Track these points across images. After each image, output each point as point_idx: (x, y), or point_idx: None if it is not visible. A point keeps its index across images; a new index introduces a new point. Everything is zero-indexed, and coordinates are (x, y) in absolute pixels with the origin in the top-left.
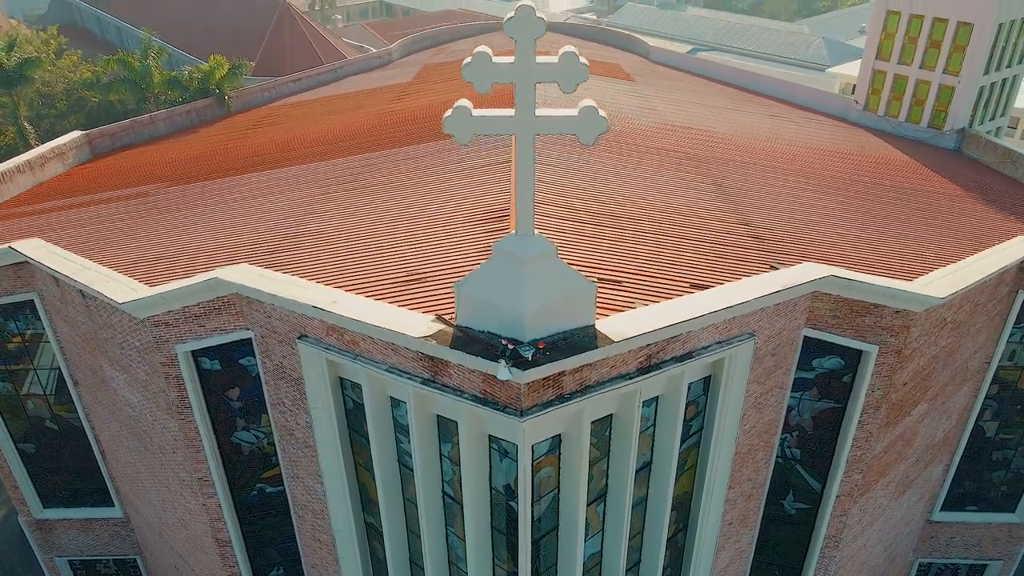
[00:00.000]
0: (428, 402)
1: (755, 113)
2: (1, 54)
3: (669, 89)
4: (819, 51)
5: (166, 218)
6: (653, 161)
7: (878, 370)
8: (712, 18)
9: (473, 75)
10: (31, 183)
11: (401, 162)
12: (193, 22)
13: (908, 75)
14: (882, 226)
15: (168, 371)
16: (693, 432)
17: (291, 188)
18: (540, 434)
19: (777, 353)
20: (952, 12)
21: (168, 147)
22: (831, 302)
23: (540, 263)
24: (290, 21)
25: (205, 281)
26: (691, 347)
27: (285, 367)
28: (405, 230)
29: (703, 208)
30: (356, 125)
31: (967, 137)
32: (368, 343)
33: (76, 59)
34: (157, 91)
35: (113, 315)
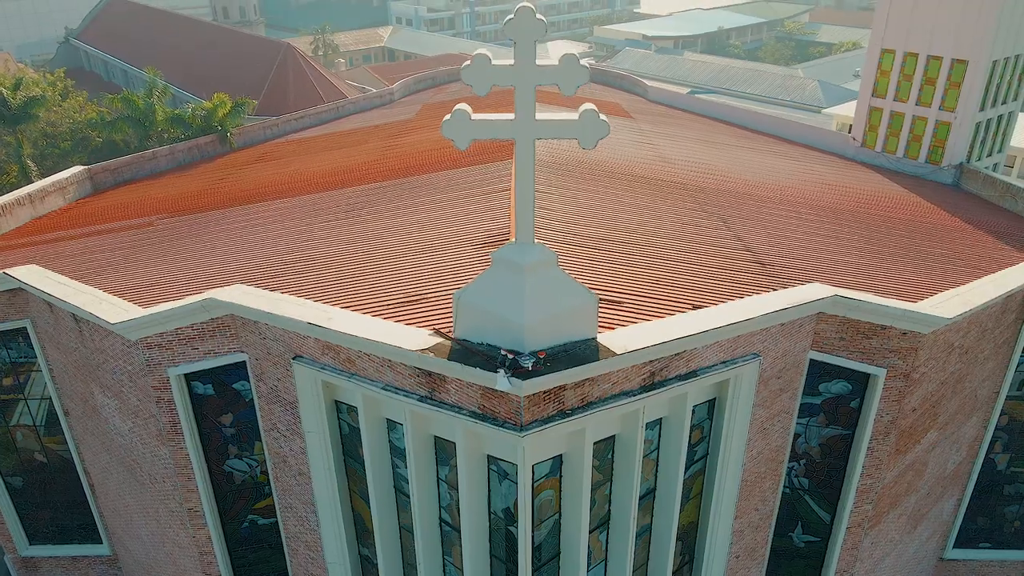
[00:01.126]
0: (425, 422)
1: (753, 149)
2: (7, 93)
3: (667, 125)
4: (814, 93)
5: (164, 247)
6: (652, 191)
7: (887, 394)
8: (709, 62)
9: (472, 78)
10: (30, 216)
11: (401, 192)
12: (198, 64)
13: (904, 112)
14: (884, 255)
15: (160, 395)
16: (698, 458)
17: (290, 218)
18: (541, 452)
19: (783, 376)
20: (946, 50)
21: (169, 182)
22: (837, 323)
23: (540, 272)
24: (293, 62)
25: (199, 301)
26: (695, 365)
27: (279, 390)
28: (404, 254)
29: (704, 234)
30: (357, 159)
31: (965, 172)
32: (364, 361)
33: (82, 100)
34: (160, 129)
35: (106, 339)
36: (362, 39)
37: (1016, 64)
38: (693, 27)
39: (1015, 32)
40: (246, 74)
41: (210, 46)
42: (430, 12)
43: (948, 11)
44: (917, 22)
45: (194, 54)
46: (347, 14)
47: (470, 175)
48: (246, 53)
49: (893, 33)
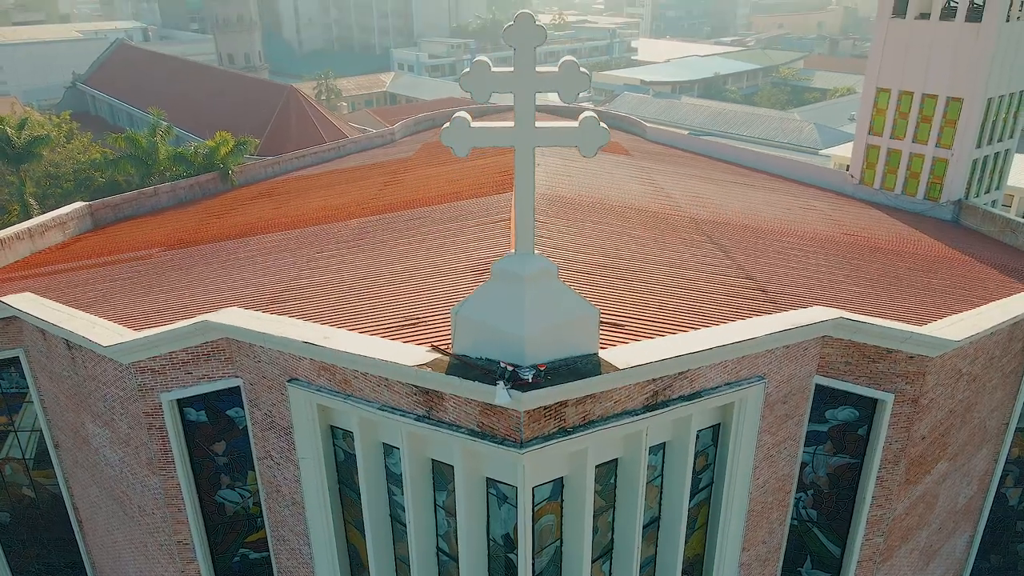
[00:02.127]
0: (423, 444)
1: (751, 185)
2: (11, 132)
3: (666, 163)
4: (811, 135)
5: (161, 278)
6: (652, 222)
7: (895, 421)
8: (706, 106)
9: (472, 85)
10: (29, 251)
11: (400, 223)
12: (202, 107)
13: (901, 149)
14: (886, 286)
15: (151, 421)
16: (703, 486)
17: (289, 249)
18: (541, 473)
19: (788, 401)
20: (941, 88)
21: (170, 217)
22: (842, 347)
23: (541, 283)
24: (296, 104)
25: (193, 324)
26: (699, 386)
27: (274, 416)
28: (402, 280)
29: (705, 263)
30: (356, 194)
31: (964, 208)
32: (360, 381)
33: (86, 141)
34: (163, 167)
35: (98, 364)
36: (364, 84)
37: (1011, 102)
38: (690, 73)
39: (1009, 70)
40: (249, 116)
41: (214, 89)
42: (431, 59)
43: (941, 51)
44: (911, 61)
45: (198, 97)
46: (350, 62)
47: (469, 207)
48: (250, 96)
49: (888, 72)
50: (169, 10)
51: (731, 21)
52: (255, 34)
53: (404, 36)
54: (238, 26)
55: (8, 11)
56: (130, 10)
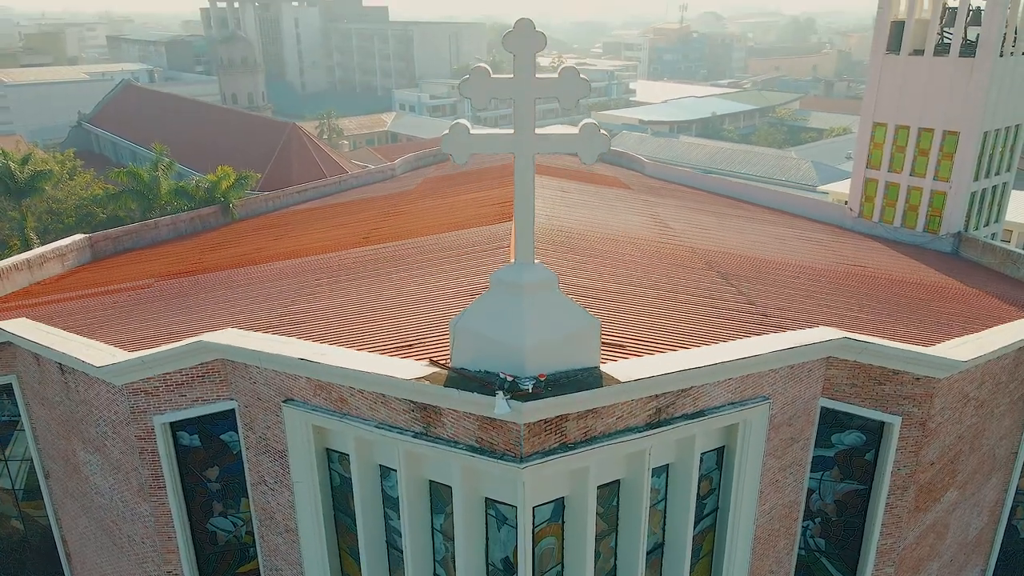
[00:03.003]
0: (420, 465)
1: (750, 218)
2: (15, 166)
3: (665, 196)
4: (809, 173)
5: (158, 305)
6: (652, 251)
7: (903, 444)
8: (704, 144)
9: (472, 91)
10: (28, 281)
11: (399, 252)
12: (205, 144)
13: (899, 182)
14: (889, 313)
15: (143, 445)
16: (708, 512)
17: (288, 277)
18: (541, 492)
19: (794, 424)
20: (936, 122)
21: (169, 249)
22: (847, 369)
23: (541, 293)
24: (298, 141)
25: (188, 344)
26: (702, 405)
27: (268, 439)
28: (401, 305)
29: (706, 288)
30: (356, 226)
31: (964, 240)
32: (357, 398)
33: (88, 177)
34: (164, 202)
35: (91, 388)
36: (366, 124)
37: (1007, 135)
38: (687, 113)
39: (1004, 104)
40: (252, 152)
41: (217, 127)
42: (432, 99)
43: (936, 86)
44: (906, 96)
45: (201, 134)
46: (352, 103)
47: (469, 236)
48: (252, 133)
49: (884, 107)
50: (175, 53)
51: (727, 65)
52: (259, 75)
53: (406, 78)
54: (242, 67)
55: (16, 54)
56: (137, 53)
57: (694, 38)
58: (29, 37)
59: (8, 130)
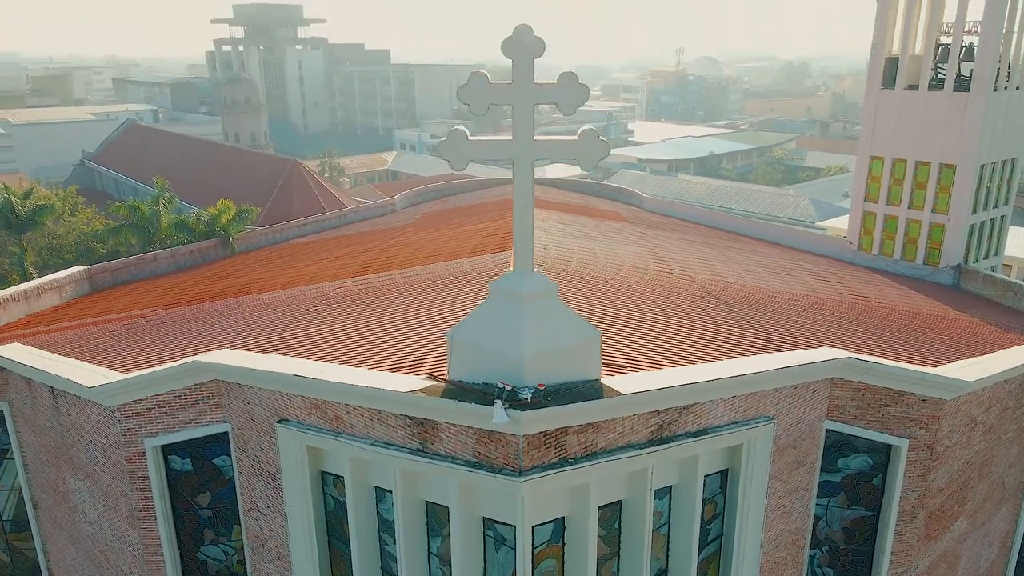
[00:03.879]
0: (416, 484)
1: (748, 250)
2: (16, 200)
3: (663, 229)
4: (807, 209)
5: (155, 332)
6: (651, 278)
7: (911, 469)
8: (702, 182)
9: (470, 97)
10: (24, 312)
11: (400, 280)
12: (207, 180)
13: (898, 215)
14: (892, 340)
15: (134, 470)
16: (712, 538)
17: (286, 305)
18: (541, 510)
19: (799, 446)
20: (933, 156)
21: (168, 281)
22: (852, 390)
23: (540, 302)
24: (298, 177)
25: (181, 365)
26: (706, 423)
27: (262, 462)
28: (399, 328)
29: (708, 315)
30: (355, 257)
31: (964, 272)
32: (352, 416)
33: (90, 213)
34: (164, 235)
35: (83, 411)
36: (367, 163)
37: (1004, 169)
38: (685, 152)
39: (1000, 138)
40: (253, 188)
41: (219, 164)
42: (433, 138)
43: (932, 119)
44: (902, 130)
45: (203, 171)
46: (353, 142)
47: (469, 265)
48: (253, 169)
49: (880, 141)
50: (180, 95)
51: (723, 107)
52: (261, 115)
53: (406, 119)
54: (245, 107)
55: (23, 96)
56: (142, 95)
57: (691, 81)
58: (36, 80)
59: (11, 168)
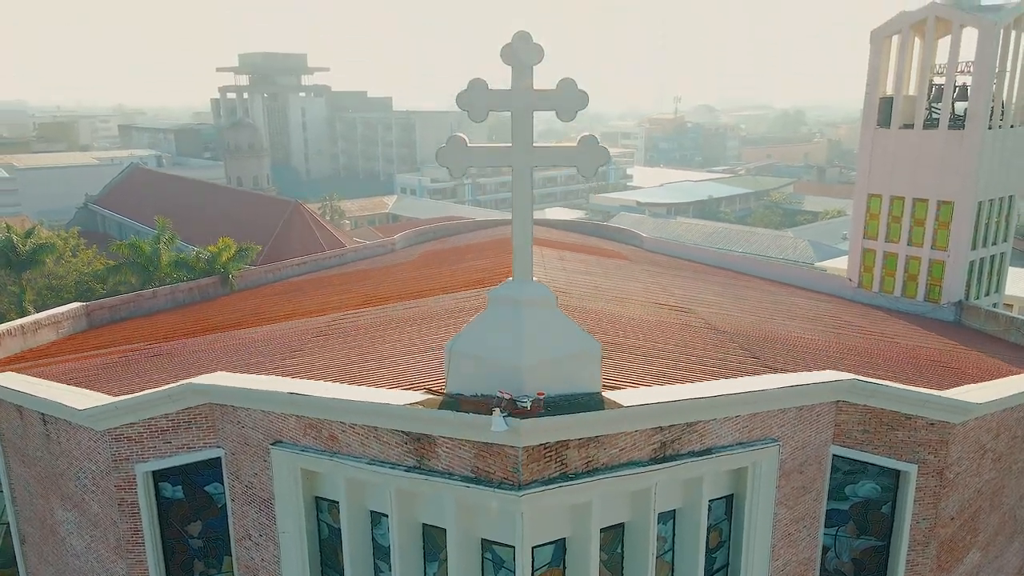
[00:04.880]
0: (412, 505)
1: (749, 287)
2: (18, 239)
3: (663, 267)
4: (806, 251)
5: (150, 363)
6: (651, 311)
7: (920, 495)
8: (701, 225)
9: (469, 103)
10: (20, 347)
11: (399, 312)
12: (209, 221)
13: (897, 252)
14: (897, 370)
15: (123, 496)
16: (718, 568)
17: (284, 336)
18: (541, 530)
19: (805, 471)
20: (930, 193)
21: (166, 318)
22: (858, 414)
23: (540, 310)
24: (299, 217)
25: (174, 387)
26: (710, 443)
27: (255, 487)
28: (396, 354)
29: (710, 344)
30: (354, 292)
31: (966, 309)
32: (348, 435)
33: (91, 255)
34: (164, 273)
35: (73, 437)
36: (367, 206)
37: (1001, 206)
38: (684, 196)
39: (997, 175)
40: (254, 229)
41: (221, 205)
42: (433, 183)
43: (928, 157)
44: (899, 168)
45: (205, 213)
46: (355, 186)
47: (468, 297)
48: (255, 210)
49: (877, 178)
50: (184, 140)
51: (721, 153)
52: (264, 159)
53: (407, 164)
54: (248, 152)
55: (29, 142)
56: (147, 140)
57: (689, 128)
58: (42, 127)
59: (15, 212)
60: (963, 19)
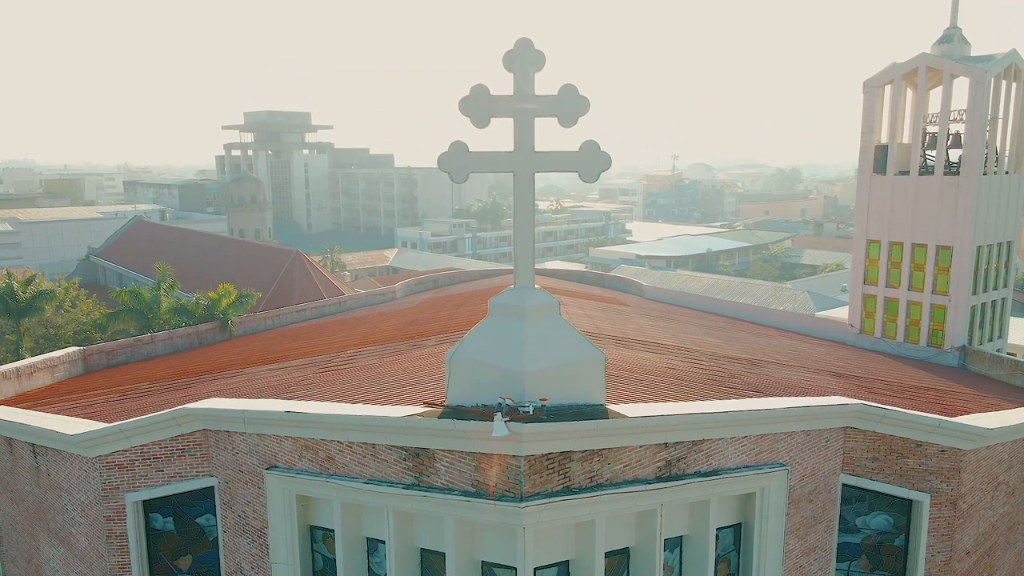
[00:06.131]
0: (410, 529)
1: (750, 332)
2: (17, 286)
3: (663, 312)
4: (805, 302)
5: (146, 400)
6: (652, 348)
7: (934, 526)
8: (701, 276)
9: (471, 109)
10: (15, 391)
11: (400, 349)
12: (210, 271)
13: (898, 297)
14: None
15: (112, 527)
16: None
17: (283, 371)
18: (544, 548)
19: (814, 500)
20: (929, 238)
21: (164, 363)
22: (867, 441)
23: (542, 316)
24: (300, 266)
25: (168, 412)
26: (716, 464)
27: (248, 517)
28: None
29: (712, 378)
30: (356, 332)
31: (970, 354)
32: (344, 454)
33: (90, 304)
34: (163, 320)
35: (63, 467)
36: (368, 259)
37: (1000, 251)
38: (683, 249)
39: (994, 220)
40: (256, 278)
41: (223, 256)
42: (434, 236)
43: (925, 203)
44: (897, 214)
45: (207, 263)
46: (356, 241)
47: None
48: (256, 260)
49: (875, 225)
50: (188, 195)
51: (719, 209)
52: (266, 212)
53: (408, 219)
54: (251, 204)
55: (35, 198)
56: (151, 196)
57: (687, 184)
58: (48, 183)
59: (17, 264)
60: (954, 69)
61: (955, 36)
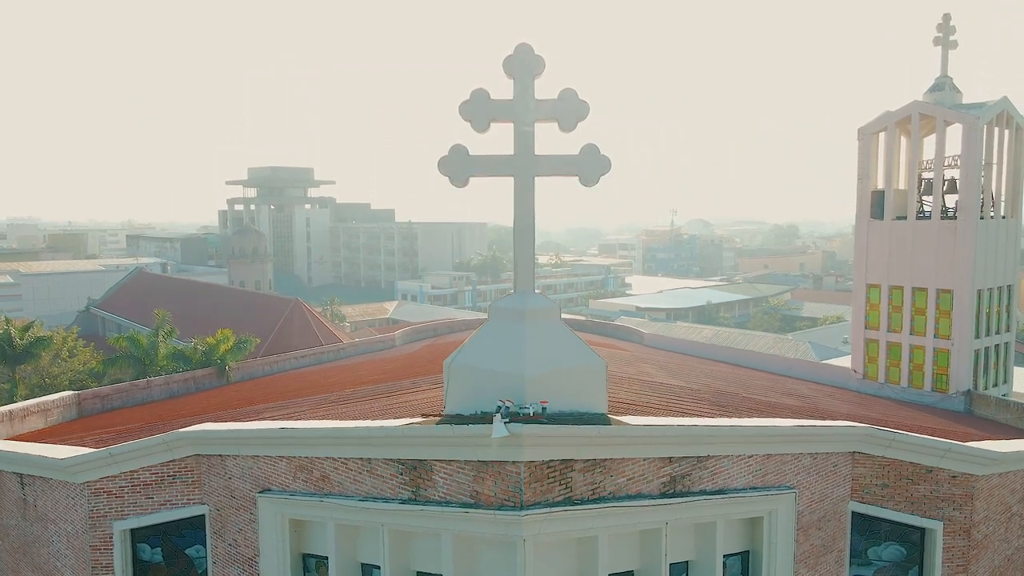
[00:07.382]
0: (407, 550)
1: (753, 377)
2: (15, 332)
3: (665, 359)
4: (807, 353)
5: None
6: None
7: (949, 555)
8: (701, 328)
9: (471, 113)
10: (7, 434)
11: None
12: (210, 320)
13: (900, 341)
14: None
15: (98, 558)
16: None
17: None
18: (545, 565)
19: (824, 528)
20: (929, 282)
21: (159, 407)
22: (876, 467)
23: (542, 321)
24: (300, 314)
25: (160, 437)
26: (722, 483)
27: (239, 545)
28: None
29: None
30: (351, 374)
31: (975, 398)
32: (340, 472)
33: (88, 353)
34: (160, 365)
35: (50, 497)
36: (368, 311)
37: (1001, 295)
38: (683, 301)
39: (994, 264)
40: (256, 326)
41: (223, 306)
42: (434, 288)
43: (923, 247)
44: (895, 258)
45: (207, 312)
46: (356, 293)
47: None
48: (256, 309)
49: (875, 269)
50: (190, 249)
51: (718, 263)
52: (267, 264)
53: (408, 272)
54: (252, 256)
55: (38, 252)
56: (153, 249)
57: (686, 239)
58: (52, 237)
59: (17, 315)
60: (947, 116)
61: (946, 84)
